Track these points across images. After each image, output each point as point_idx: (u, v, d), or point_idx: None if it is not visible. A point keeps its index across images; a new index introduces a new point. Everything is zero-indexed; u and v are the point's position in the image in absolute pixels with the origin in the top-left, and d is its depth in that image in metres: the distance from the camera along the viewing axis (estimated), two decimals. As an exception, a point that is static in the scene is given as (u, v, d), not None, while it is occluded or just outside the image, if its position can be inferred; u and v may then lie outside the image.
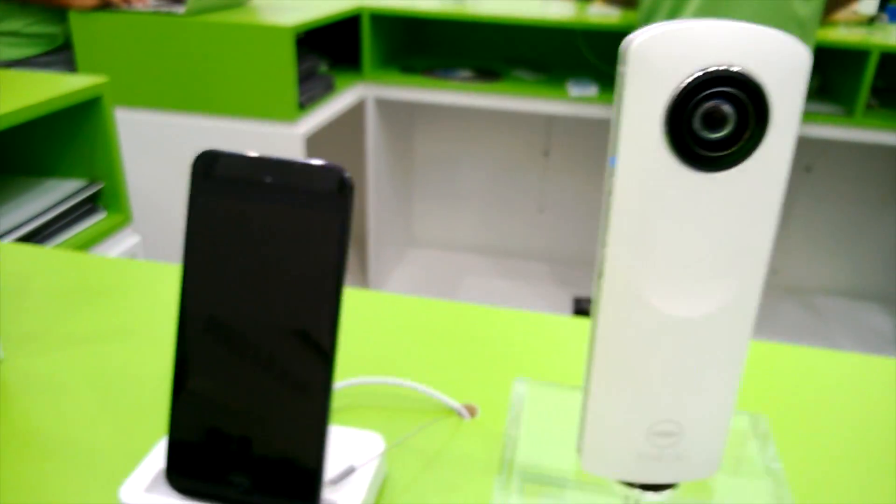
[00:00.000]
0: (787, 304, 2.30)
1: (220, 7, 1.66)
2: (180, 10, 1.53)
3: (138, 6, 1.58)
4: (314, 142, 1.68)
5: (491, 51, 2.22)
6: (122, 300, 0.56)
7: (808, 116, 1.73)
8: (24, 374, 0.46)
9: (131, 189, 1.29)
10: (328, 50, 1.94)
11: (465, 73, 2.02)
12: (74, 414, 0.43)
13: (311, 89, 1.69)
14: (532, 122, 2.31)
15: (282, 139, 1.62)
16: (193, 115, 1.62)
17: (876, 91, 1.84)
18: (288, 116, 1.61)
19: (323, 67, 1.85)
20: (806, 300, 2.32)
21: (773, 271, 2.32)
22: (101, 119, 1.12)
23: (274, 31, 1.52)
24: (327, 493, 0.33)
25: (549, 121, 2.29)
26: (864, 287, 2.30)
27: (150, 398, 0.45)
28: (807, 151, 2.12)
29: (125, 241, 1.21)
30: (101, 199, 1.18)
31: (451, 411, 0.44)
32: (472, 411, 0.43)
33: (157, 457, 0.35)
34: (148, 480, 0.34)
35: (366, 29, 1.88)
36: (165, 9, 1.55)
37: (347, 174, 0.30)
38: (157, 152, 1.66)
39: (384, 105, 2.02)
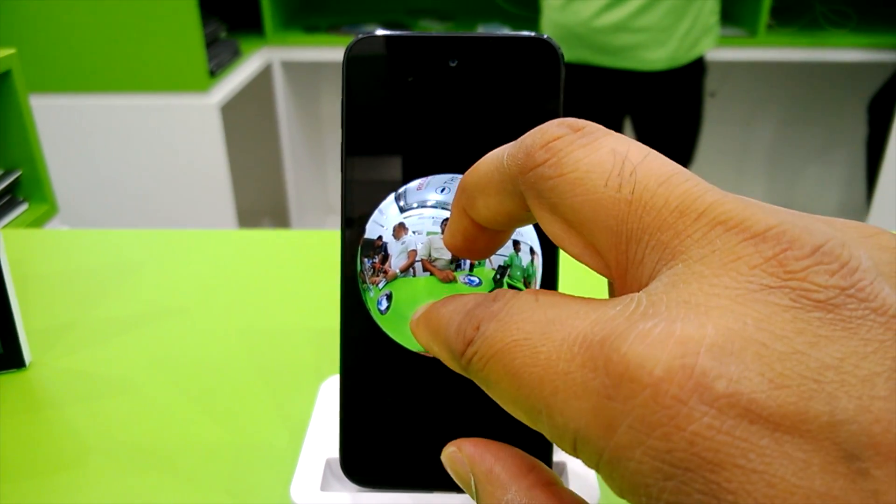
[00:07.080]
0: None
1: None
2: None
3: None
4: (226, 112, 1.56)
5: (393, 3, 2.14)
6: (141, 277, 0.48)
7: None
8: (58, 377, 0.38)
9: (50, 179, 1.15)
10: (224, 14, 1.81)
11: (372, 28, 1.94)
12: (141, 414, 0.37)
13: (217, 55, 1.57)
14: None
15: (196, 111, 1.50)
16: (100, 95, 1.47)
17: (771, 11, 1.91)
18: (200, 86, 1.49)
19: (223, 33, 1.72)
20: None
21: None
22: (12, 97, 0.98)
23: (175, -7, 1.40)
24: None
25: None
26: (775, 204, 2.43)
27: (212, 381, 0.38)
28: (711, 77, 2.20)
29: (53, 235, 1.08)
30: (21, 190, 1.05)
31: None
32: None
33: (314, 447, 0.29)
34: (318, 477, 0.28)
35: (264, -13, 1.77)
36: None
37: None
38: (68, 139, 1.49)
39: (291, 68, 1.92)
